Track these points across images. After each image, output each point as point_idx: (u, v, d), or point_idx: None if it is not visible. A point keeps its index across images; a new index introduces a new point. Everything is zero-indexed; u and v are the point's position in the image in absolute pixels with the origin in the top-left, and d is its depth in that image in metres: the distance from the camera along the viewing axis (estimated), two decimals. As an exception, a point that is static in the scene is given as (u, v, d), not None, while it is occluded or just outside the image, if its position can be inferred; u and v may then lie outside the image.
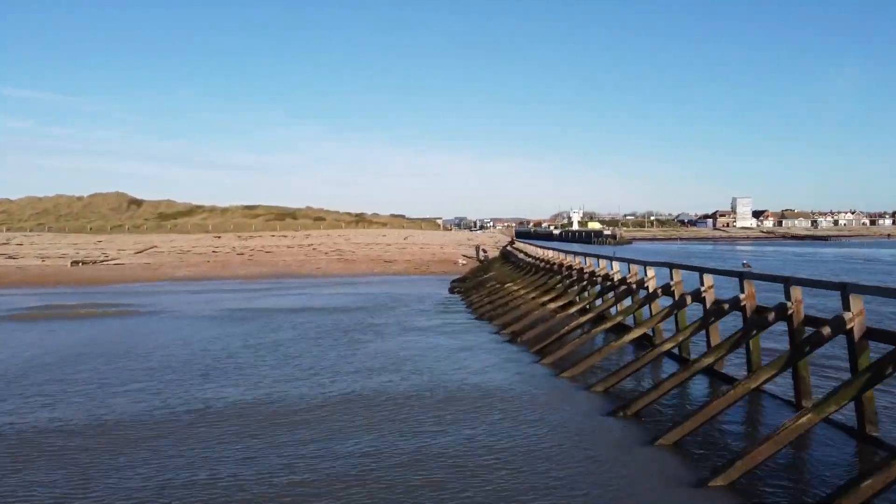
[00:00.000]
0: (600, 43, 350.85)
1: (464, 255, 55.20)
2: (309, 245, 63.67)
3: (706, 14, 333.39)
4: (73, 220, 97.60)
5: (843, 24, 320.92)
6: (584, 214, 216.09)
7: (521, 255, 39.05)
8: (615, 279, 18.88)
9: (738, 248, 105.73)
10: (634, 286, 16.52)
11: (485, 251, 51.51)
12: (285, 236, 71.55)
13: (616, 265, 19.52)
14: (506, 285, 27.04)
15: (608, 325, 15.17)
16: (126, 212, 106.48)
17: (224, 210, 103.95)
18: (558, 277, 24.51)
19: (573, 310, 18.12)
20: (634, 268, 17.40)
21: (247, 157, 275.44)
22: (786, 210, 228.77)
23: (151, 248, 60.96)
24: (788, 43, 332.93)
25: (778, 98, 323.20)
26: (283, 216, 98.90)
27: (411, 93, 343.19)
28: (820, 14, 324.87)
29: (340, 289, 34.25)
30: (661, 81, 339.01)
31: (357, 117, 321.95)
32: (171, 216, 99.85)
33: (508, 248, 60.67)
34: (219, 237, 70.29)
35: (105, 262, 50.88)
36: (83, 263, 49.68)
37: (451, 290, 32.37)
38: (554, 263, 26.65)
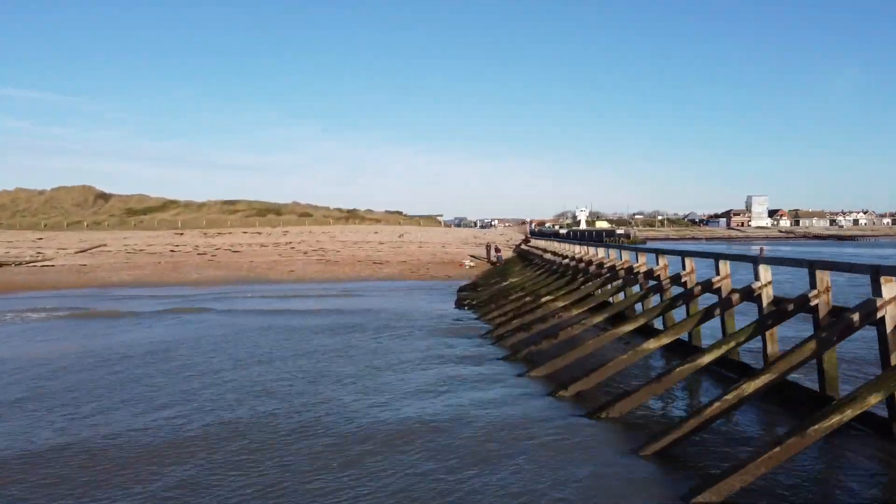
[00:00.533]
0: (599, 43, 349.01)
1: (471, 256, 46.76)
2: (287, 243, 55.27)
3: (705, 13, 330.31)
4: (30, 216, 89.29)
5: (843, 24, 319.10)
6: (591, 214, 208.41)
7: (548, 255, 30.68)
8: (764, 299, 10.46)
9: (754, 246, 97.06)
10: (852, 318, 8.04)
11: (498, 251, 43.08)
12: (259, 233, 63.02)
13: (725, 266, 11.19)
14: (542, 299, 18.61)
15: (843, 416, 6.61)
16: (91, 207, 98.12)
17: (201, 205, 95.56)
18: (633, 292, 16.10)
19: (707, 360, 9.59)
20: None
21: (246, 157, 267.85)
22: (799, 210, 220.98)
23: (98, 246, 52.55)
24: (788, 42, 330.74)
25: (779, 97, 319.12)
26: (266, 212, 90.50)
27: (411, 93, 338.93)
28: (821, 14, 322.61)
29: (307, 302, 25.82)
30: (661, 81, 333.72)
31: (356, 117, 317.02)
32: (139, 212, 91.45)
33: (524, 246, 52.34)
34: (181, 234, 61.82)
35: (32, 264, 42.46)
36: (2, 265, 41.27)
37: (460, 304, 23.99)
38: (614, 267, 18.19)
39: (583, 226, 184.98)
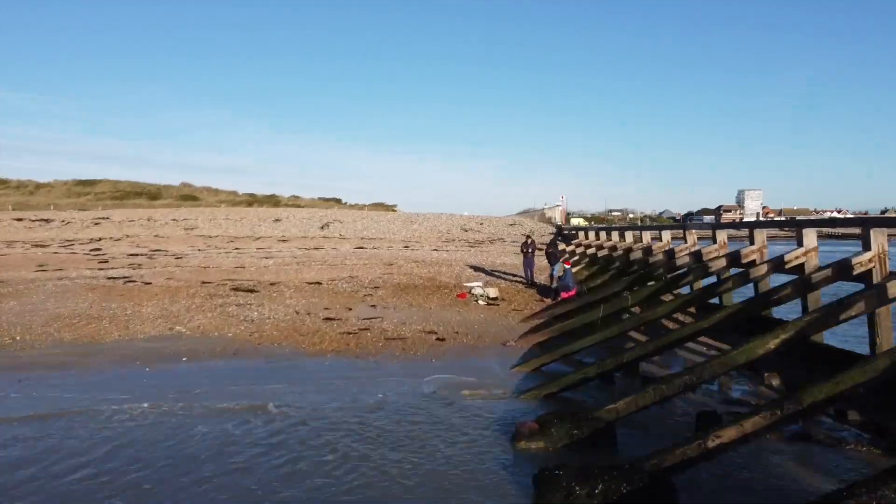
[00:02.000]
0: (590, 42, 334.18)
1: (479, 271, 21.12)
2: (91, 241, 28.76)
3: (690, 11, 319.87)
4: None
5: (801, 23, 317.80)
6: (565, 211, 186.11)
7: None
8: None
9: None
10: None
11: (557, 251, 17.43)
12: (47, 220, 36.08)
13: None
14: None
15: None
16: None
17: (39, 186, 67.82)
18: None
19: None
20: None
21: (244, 159, 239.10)
22: (783, 209, 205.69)
23: None
24: (759, 40, 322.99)
25: (734, 97, 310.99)
26: (134, 195, 63.42)
27: (404, 97, 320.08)
28: (786, 13, 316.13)
29: None
30: (652, 79, 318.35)
31: (343, 121, 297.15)
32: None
33: (578, 247, 27.13)
34: None
35: None
36: None
37: None
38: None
39: (557, 221, 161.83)
